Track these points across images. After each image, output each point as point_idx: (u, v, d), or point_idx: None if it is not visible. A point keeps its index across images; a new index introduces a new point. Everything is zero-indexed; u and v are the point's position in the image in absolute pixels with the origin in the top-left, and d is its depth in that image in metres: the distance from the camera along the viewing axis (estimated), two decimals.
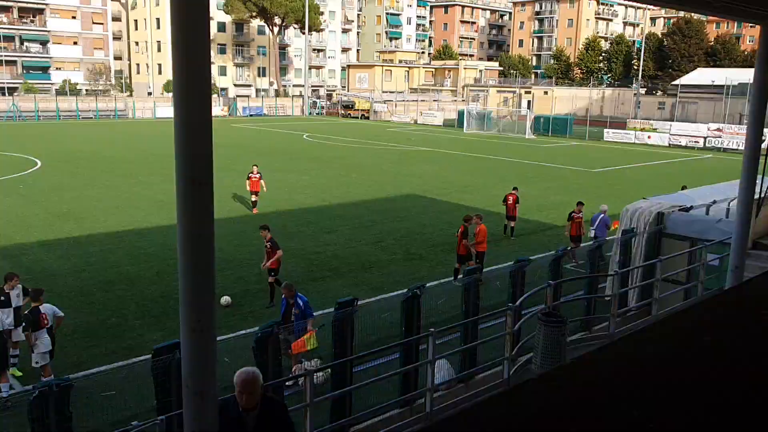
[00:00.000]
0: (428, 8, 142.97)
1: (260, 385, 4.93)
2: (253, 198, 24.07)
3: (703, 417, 1.13)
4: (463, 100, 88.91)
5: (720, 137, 52.87)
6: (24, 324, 10.61)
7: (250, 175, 23.91)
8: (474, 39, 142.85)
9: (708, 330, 1.53)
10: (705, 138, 53.40)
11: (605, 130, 60.16)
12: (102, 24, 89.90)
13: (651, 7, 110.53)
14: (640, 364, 1.32)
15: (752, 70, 10.99)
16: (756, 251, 13.26)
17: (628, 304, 13.46)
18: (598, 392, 1.15)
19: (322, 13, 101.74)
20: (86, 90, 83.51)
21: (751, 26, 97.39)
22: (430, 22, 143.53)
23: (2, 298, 10.86)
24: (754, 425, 1.14)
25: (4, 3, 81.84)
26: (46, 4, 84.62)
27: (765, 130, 11.07)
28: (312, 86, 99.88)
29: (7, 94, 74.07)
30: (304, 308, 10.86)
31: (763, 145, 11.18)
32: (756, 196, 11.44)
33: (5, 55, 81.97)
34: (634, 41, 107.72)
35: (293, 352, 10.07)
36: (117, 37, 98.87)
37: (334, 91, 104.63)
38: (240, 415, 4.88)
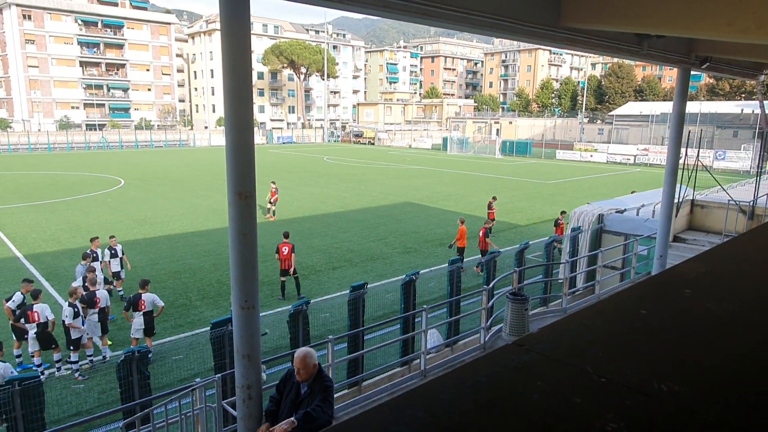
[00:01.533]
0: (419, 59, 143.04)
1: (311, 362, 4.85)
2: (273, 207, 23.79)
3: (643, 369, 1.15)
4: (446, 129, 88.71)
5: (647, 155, 52.66)
6: (126, 304, 10.71)
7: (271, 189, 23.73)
8: (454, 82, 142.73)
9: (643, 304, 1.55)
10: (635, 156, 53.19)
11: (557, 151, 60.00)
12: (169, 75, 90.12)
13: (590, 55, 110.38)
14: (593, 330, 1.34)
15: (671, 102, 11.00)
16: (676, 243, 13.25)
17: (576, 285, 13.45)
18: (560, 353, 1.17)
19: (337, 64, 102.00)
20: (158, 125, 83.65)
21: (669, 69, 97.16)
22: (420, 69, 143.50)
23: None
24: (675, 369, 1.16)
25: (96, 60, 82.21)
26: (127, 60, 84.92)
27: (681, 149, 11.06)
28: (330, 120, 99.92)
29: (97, 129, 74.37)
30: None
31: (680, 161, 11.17)
32: (675, 201, 11.44)
33: (96, 100, 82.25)
34: (578, 82, 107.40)
35: None
36: (181, 85, 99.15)
37: (347, 123, 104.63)
38: (298, 383, 4.94)
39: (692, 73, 10.73)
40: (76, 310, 9.97)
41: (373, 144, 79.11)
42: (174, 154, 59.55)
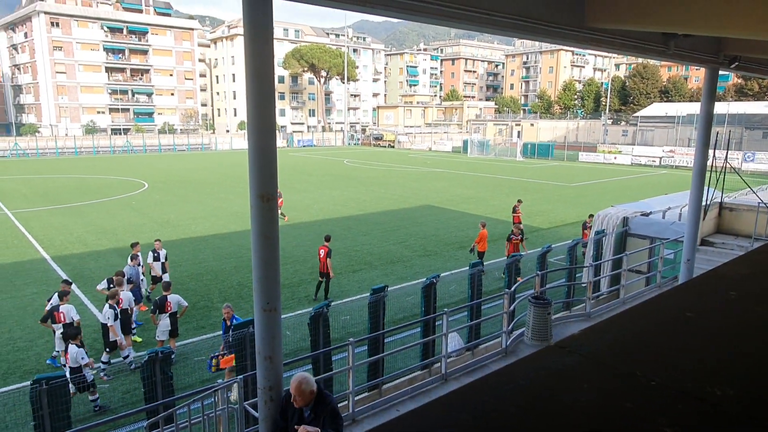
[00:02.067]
0: (439, 61, 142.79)
1: (307, 389, 4.65)
2: (281, 211, 23.87)
3: (695, 372, 1.10)
4: (467, 132, 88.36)
5: (673, 157, 51.69)
6: (152, 307, 10.84)
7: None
8: (475, 84, 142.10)
9: (688, 307, 1.49)
10: (660, 158, 52.25)
11: (580, 153, 59.26)
12: (192, 79, 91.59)
13: (616, 55, 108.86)
14: (636, 333, 1.29)
15: (698, 103, 10.77)
16: (704, 247, 12.95)
17: (600, 290, 13.22)
18: (604, 355, 1.12)
19: (357, 68, 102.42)
20: (180, 129, 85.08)
21: (696, 69, 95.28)
22: (441, 71, 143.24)
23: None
24: (728, 371, 1.11)
25: (121, 65, 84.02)
26: (151, 66, 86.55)
27: (709, 151, 10.81)
28: (350, 123, 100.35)
29: (122, 134, 75.95)
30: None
31: (708, 163, 10.92)
32: (703, 203, 11.18)
33: (121, 105, 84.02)
34: (602, 83, 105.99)
35: (222, 365, 8.37)
36: (203, 89, 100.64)
37: (367, 126, 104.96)
38: (299, 408, 4.77)
39: (720, 73, 10.49)
40: (116, 312, 10.15)
41: (393, 147, 79.16)
42: (196, 157, 60.41)
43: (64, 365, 9.89)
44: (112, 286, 11.11)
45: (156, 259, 13.79)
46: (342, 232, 21.63)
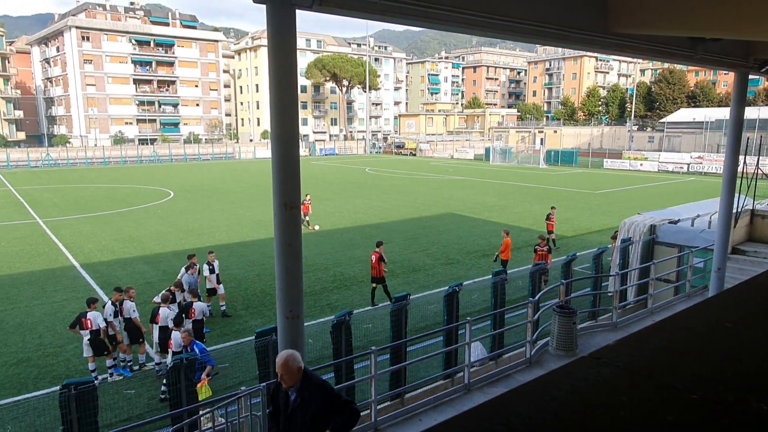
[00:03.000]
0: (461, 69, 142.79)
1: (295, 366, 4.35)
2: (307, 218, 23.73)
3: (739, 386, 1.05)
4: (489, 140, 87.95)
5: (701, 163, 50.55)
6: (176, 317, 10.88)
7: (304, 201, 23.75)
8: (497, 91, 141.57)
9: (727, 317, 1.43)
10: (688, 164, 51.14)
11: (604, 160, 58.35)
12: (216, 90, 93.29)
13: (641, 60, 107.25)
14: (674, 344, 1.24)
15: (727, 108, 10.54)
16: (735, 255, 12.60)
17: (627, 299, 12.95)
18: (642, 367, 1.08)
19: (378, 76, 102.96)
20: (205, 139, 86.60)
21: (725, 73, 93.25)
22: (462, 79, 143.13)
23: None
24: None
25: (148, 77, 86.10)
26: (177, 77, 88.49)
27: (740, 157, 10.54)
28: (372, 131, 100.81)
29: (149, 144, 77.70)
30: (201, 356, 8.42)
31: (738, 169, 10.64)
32: (734, 210, 10.89)
33: (148, 115, 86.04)
34: (627, 89, 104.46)
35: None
36: (227, 99, 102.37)
37: (388, 134, 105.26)
38: (285, 392, 4.50)
39: (750, 77, 10.24)
40: (116, 310, 10.37)
41: (414, 155, 79.19)
42: (220, 166, 61.31)
43: (93, 372, 10.07)
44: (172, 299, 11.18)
45: (212, 271, 13.69)
46: (363, 240, 21.65)
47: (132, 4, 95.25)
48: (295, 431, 4.41)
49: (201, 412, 6.64)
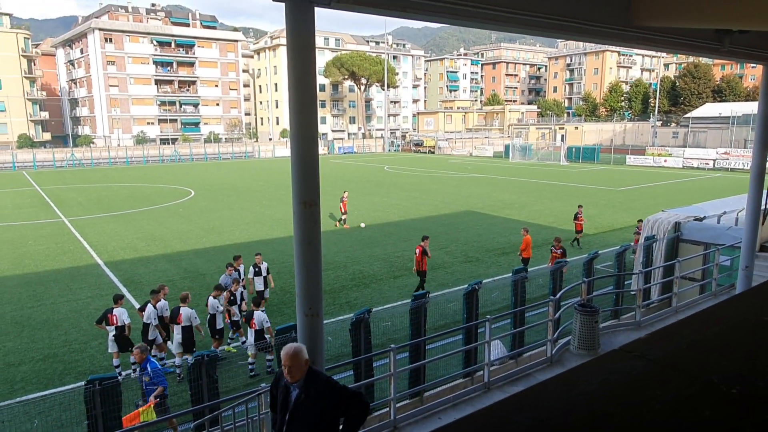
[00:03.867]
0: (480, 66, 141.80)
1: (303, 359, 4.17)
2: (344, 216, 24.13)
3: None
4: (508, 137, 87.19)
5: (728, 159, 49.41)
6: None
7: (343, 198, 24.17)
8: (516, 88, 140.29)
9: (764, 312, 1.39)
10: (714, 160, 50.03)
11: (627, 156, 57.39)
12: (236, 90, 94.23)
13: (665, 54, 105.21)
14: (708, 338, 1.21)
15: (755, 103, 10.27)
16: (763, 253, 12.28)
17: (650, 298, 12.71)
18: (676, 360, 1.05)
19: (397, 74, 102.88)
20: (225, 138, 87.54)
21: (752, 66, 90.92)
22: (481, 76, 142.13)
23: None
24: None
25: (169, 78, 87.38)
26: (197, 77, 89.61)
27: None
28: (390, 129, 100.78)
29: (170, 143, 78.89)
30: (153, 376, 7.81)
31: (767, 164, 10.35)
32: (762, 207, 10.61)
33: (169, 115, 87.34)
34: (650, 84, 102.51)
35: (124, 425, 6.75)
36: (247, 99, 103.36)
37: (407, 132, 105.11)
38: (286, 387, 4.27)
39: None
40: (155, 311, 10.52)
41: (433, 153, 78.93)
42: (240, 165, 61.91)
43: (117, 367, 10.26)
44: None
45: (257, 273, 13.35)
46: (382, 238, 21.67)
47: (153, 5, 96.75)
48: (300, 429, 4.17)
49: (221, 409, 6.72)
